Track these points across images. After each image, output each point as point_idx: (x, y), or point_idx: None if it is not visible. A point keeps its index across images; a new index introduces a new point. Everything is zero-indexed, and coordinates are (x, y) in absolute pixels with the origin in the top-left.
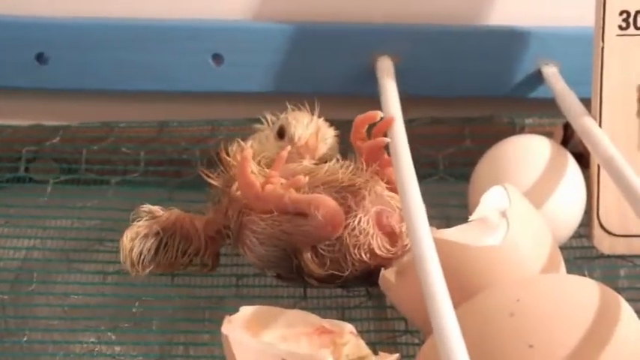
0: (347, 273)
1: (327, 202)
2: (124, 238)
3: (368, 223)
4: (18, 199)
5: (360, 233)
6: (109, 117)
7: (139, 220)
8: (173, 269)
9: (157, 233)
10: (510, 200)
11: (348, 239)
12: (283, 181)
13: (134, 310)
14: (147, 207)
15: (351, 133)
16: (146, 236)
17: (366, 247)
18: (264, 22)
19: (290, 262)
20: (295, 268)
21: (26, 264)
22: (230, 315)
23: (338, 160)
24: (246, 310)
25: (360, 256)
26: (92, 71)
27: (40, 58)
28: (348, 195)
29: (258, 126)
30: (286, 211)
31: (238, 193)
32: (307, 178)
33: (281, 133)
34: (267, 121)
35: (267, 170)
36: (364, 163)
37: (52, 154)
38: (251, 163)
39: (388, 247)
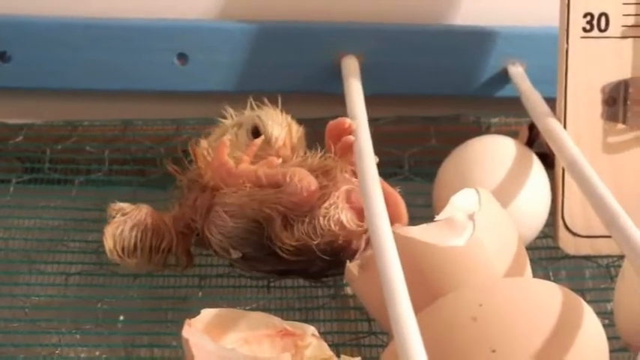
0: (316, 242)
1: (301, 171)
2: (105, 235)
3: (338, 198)
4: None
5: (330, 206)
6: (72, 116)
7: (112, 218)
8: (151, 266)
9: (131, 228)
10: (480, 203)
11: (318, 211)
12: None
13: (97, 311)
14: (117, 205)
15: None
16: (122, 232)
17: (335, 218)
18: (229, 21)
19: (259, 236)
20: (266, 238)
21: None
22: (190, 318)
23: (306, 153)
24: (207, 313)
25: (330, 226)
26: (56, 70)
27: (3, 56)
28: (319, 175)
29: (221, 120)
30: (260, 184)
31: (210, 181)
32: (280, 160)
33: (255, 133)
34: (230, 115)
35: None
36: (334, 153)
37: (14, 153)
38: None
39: (356, 221)
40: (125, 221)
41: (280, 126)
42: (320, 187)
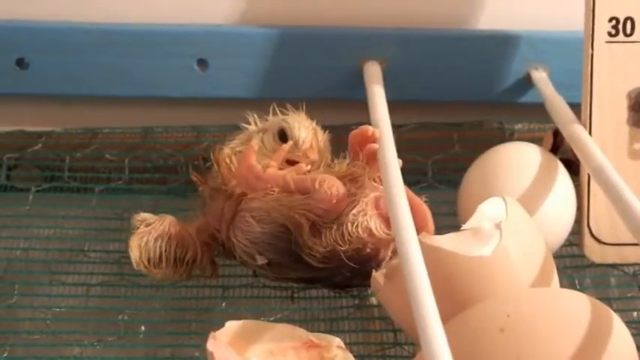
0: (344, 248)
1: (330, 177)
2: (131, 246)
3: (367, 205)
4: None
5: (359, 213)
6: (92, 123)
7: (136, 229)
8: (176, 276)
9: (156, 239)
10: (507, 212)
11: (346, 217)
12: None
13: (119, 322)
14: (140, 215)
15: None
16: (147, 243)
17: (364, 225)
18: (250, 26)
19: (286, 241)
20: (293, 244)
21: (7, 276)
22: (215, 330)
23: (333, 160)
24: (231, 325)
25: (358, 233)
26: (74, 76)
27: (21, 63)
28: (347, 182)
29: (245, 126)
30: (288, 190)
31: (235, 188)
32: (309, 167)
33: (282, 136)
34: (254, 121)
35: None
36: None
37: (34, 161)
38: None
39: (385, 229)
40: (149, 232)
41: (307, 129)
42: (348, 194)
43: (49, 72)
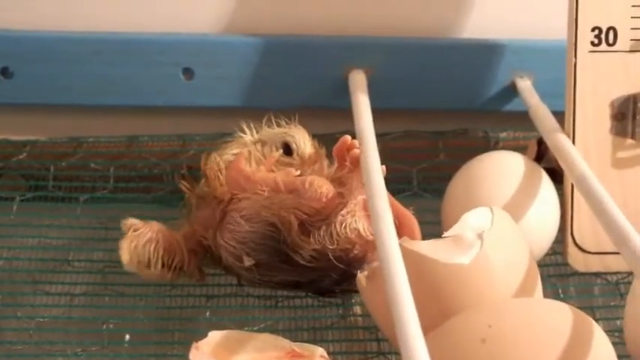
0: (332, 248)
1: (320, 178)
2: (122, 250)
3: (355, 207)
4: None
5: (348, 214)
6: (77, 132)
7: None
8: (164, 279)
9: (144, 244)
10: (493, 222)
11: (335, 218)
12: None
13: (103, 332)
14: (129, 220)
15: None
16: (136, 247)
17: (352, 226)
18: (235, 35)
19: (275, 240)
20: (282, 243)
21: None
22: (198, 340)
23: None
24: (214, 336)
25: (346, 233)
26: (59, 85)
27: (5, 72)
28: (336, 185)
29: (240, 134)
30: (279, 191)
31: (224, 194)
32: (298, 172)
33: (287, 150)
34: (248, 130)
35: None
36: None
37: (18, 170)
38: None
39: (372, 230)
40: (138, 236)
41: (310, 143)
42: (337, 195)
43: (33, 81)
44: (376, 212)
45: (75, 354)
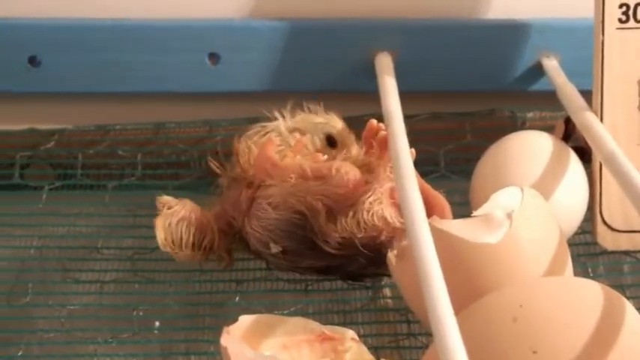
0: (359, 236)
1: (347, 164)
2: (157, 227)
3: (382, 194)
4: (12, 207)
5: (375, 201)
6: (104, 120)
7: (160, 211)
8: (194, 259)
9: (177, 222)
10: (523, 202)
11: (362, 205)
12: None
13: (133, 318)
14: (164, 198)
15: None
16: (170, 225)
17: (379, 214)
18: (260, 19)
19: (302, 228)
20: (309, 230)
21: (22, 275)
22: (228, 325)
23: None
24: (245, 320)
25: (373, 221)
26: (86, 73)
27: (33, 61)
28: (364, 171)
29: (271, 124)
30: (305, 177)
31: (254, 177)
32: (325, 157)
33: (331, 142)
34: (280, 116)
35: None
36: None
37: (46, 159)
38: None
39: (400, 218)
40: (172, 214)
41: (350, 134)
42: (364, 181)
43: (60, 69)
44: (405, 192)
45: (106, 341)
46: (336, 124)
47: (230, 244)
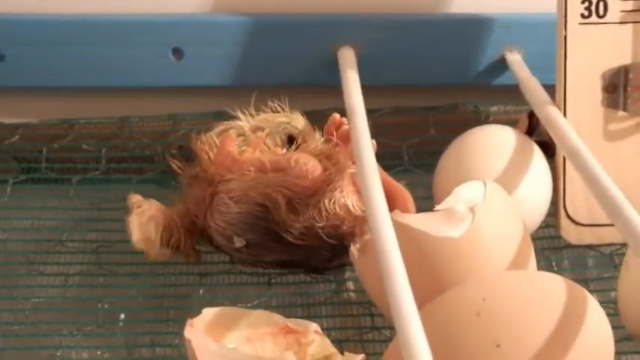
0: (321, 225)
1: (305, 155)
2: (132, 226)
3: (343, 182)
4: None
5: (336, 189)
6: (68, 114)
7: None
8: (163, 258)
9: (148, 220)
10: (485, 196)
11: (323, 194)
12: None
13: (98, 311)
14: (135, 197)
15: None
16: (142, 224)
17: (341, 202)
18: (224, 14)
19: (264, 220)
20: (271, 222)
21: None
22: (192, 318)
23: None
24: (208, 312)
25: (335, 210)
26: (50, 68)
27: None
28: (323, 159)
29: (236, 122)
30: (264, 170)
31: (215, 174)
32: (284, 150)
33: (291, 141)
34: (245, 115)
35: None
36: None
37: (11, 153)
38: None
39: (361, 205)
40: (143, 212)
41: (312, 129)
42: (324, 171)
43: (24, 64)
44: (367, 186)
45: (71, 333)
46: (298, 123)
47: (195, 243)
